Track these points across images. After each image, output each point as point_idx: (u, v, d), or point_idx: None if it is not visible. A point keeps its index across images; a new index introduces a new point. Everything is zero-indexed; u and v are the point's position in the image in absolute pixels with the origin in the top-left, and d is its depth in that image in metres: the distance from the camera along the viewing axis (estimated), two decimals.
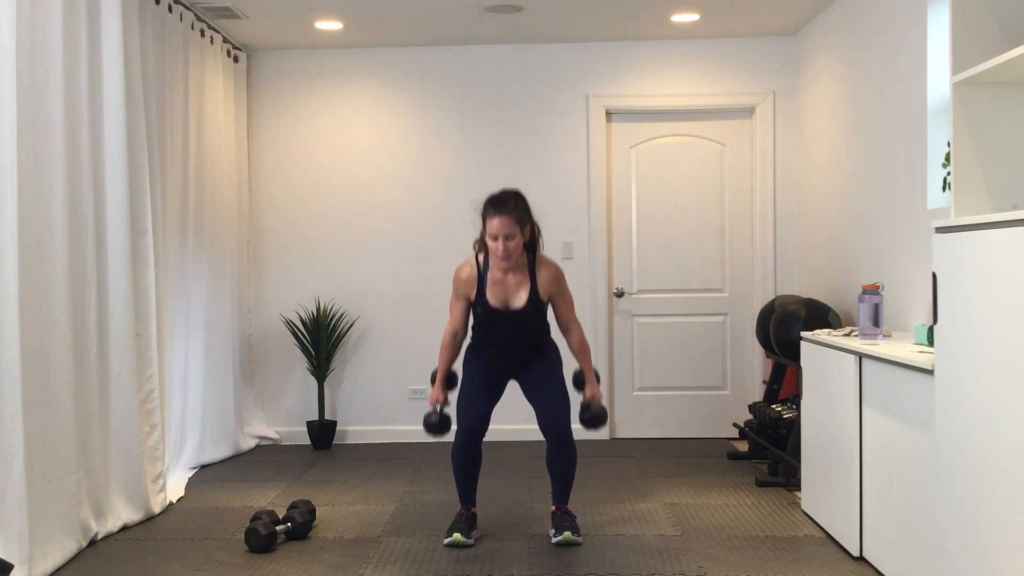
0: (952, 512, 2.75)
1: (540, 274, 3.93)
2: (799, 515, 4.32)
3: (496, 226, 3.76)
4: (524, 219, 3.82)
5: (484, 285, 3.92)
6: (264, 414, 6.23)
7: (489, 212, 3.80)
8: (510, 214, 3.76)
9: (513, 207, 3.79)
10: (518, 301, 3.92)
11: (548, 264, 3.97)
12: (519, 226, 3.79)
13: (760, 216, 6.15)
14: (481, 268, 3.93)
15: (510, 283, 3.92)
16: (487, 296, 3.91)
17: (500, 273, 3.91)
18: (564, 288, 3.99)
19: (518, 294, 3.92)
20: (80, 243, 3.97)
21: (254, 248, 6.25)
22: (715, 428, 6.21)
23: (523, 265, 3.92)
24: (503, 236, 3.76)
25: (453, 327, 4.02)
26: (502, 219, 3.75)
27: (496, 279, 3.91)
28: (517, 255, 3.86)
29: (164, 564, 3.74)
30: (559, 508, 4.04)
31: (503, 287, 3.92)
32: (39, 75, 3.67)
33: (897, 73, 4.46)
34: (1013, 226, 2.39)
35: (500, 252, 3.78)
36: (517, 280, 3.92)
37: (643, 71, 6.16)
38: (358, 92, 6.24)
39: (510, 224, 3.76)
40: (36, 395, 3.57)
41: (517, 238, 3.79)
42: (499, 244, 3.77)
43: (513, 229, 3.77)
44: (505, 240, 3.77)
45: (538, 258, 3.96)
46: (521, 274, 3.92)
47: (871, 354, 3.50)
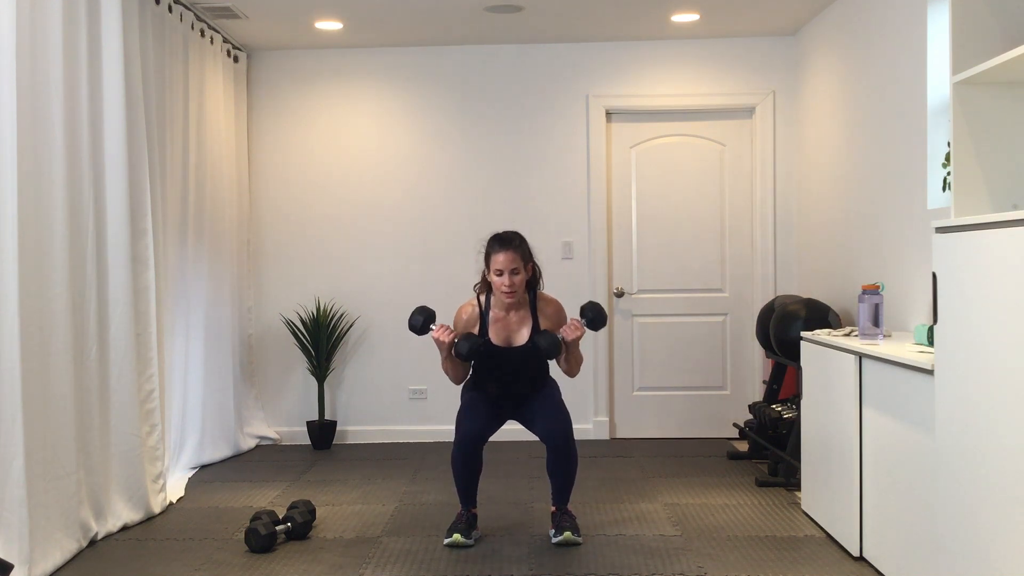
0: (952, 512, 2.75)
1: (542, 311, 4.00)
2: (799, 515, 4.32)
3: (502, 261, 3.85)
4: (527, 256, 3.92)
5: (487, 323, 3.98)
6: (264, 414, 6.23)
7: (494, 248, 3.90)
8: (515, 250, 3.87)
9: (518, 244, 3.90)
10: (520, 339, 3.97)
11: (549, 300, 4.05)
12: (523, 262, 3.89)
13: (760, 216, 6.15)
14: (483, 307, 4.00)
15: (512, 321, 3.98)
16: (489, 334, 3.97)
17: (502, 312, 3.98)
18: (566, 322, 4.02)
19: (520, 331, 3.98)
20: (80, 243, 3.97)
21: (254, 248, 6.25)
22: (715, 428, 6.21)
23: (525, 304, 4.00)
24: (508, 271, 3.85)
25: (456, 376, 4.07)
26: (507, 254, 3.85)
27: (498, 316, 3.98)
28: (521, 291, 3.92)
29: (164, 564, 3.74)
30: (559, 508, 4.04)
31: (505, 325, 3.98)
32: (39, 75, 3.67)
33: (897, 73, 4.46)
34: (1013, 226, 2.39)
35: (506, 287, 3.85)
36: (519, 318, 3.99)
37: (643, 71, 6.16)
38: (358, 92, 6.24)
39: (515, 259, 3.86)
40: (36, 395, 3.57)
41: (521, 274, 3.88)
42: (504, 279, 3.85)
43: (518, 264, 3.86)
44: (511, 275, 3.85)
45: (539, 296, 4.03)
46: (523, 311, 3.99)
47: (871, 354, 3.50)
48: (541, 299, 4.03)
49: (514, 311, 3.99)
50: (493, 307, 3.99)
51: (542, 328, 3.97)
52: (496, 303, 3.98)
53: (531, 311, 3.99)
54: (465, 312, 4.02)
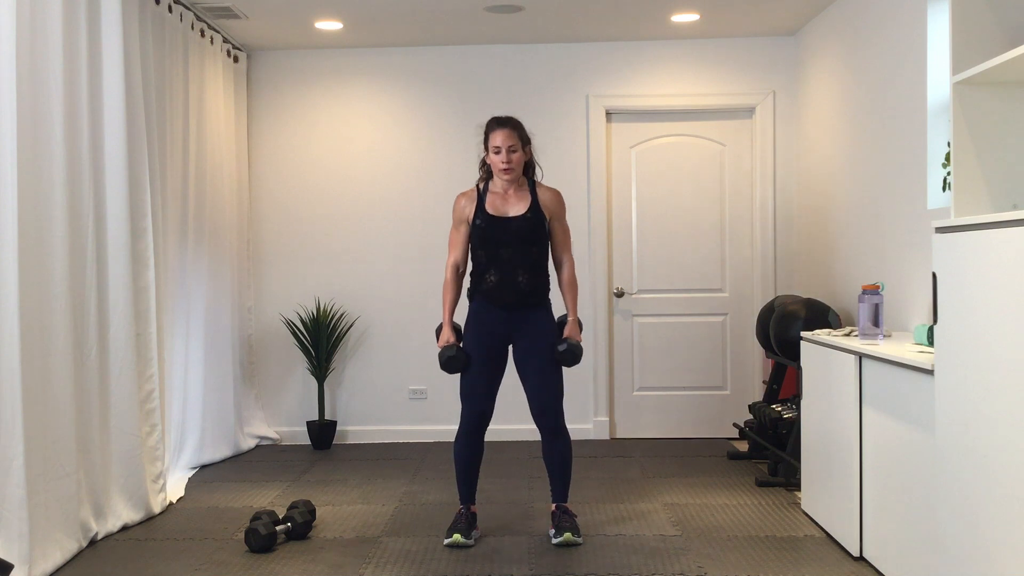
0: (952, 512, 2.75)
1: (541, 192, 4.04)
2: (799, 515, 4.32)
3: (500, 138, 3.90)
4: (525, 138, 3.98)
5: (483, 201, 4.00)
6: (264, 414, 6.23)
7: (492, 127, 3.96)
8: (513, 128, 3.94)
9: (515, 124, 3.96)
10: (518, 209, 3.98)
11: (548, 188, 4.08)
12: (520, 142, 3.94)
13: (760, 216, 6.15)
14: (480, 190, 4.03)
15: (510, 195, 4.00)
16: (486, 207, 3.98)
17: (500, 191, 4.00)
18: (564, 214, 4.08)
19: (518, 204, 3.99)
20: (80, 243, 3.97)
21: (254, 248, 6.25)
22: (715, 428, 6.21)
23: (524, 186, 4.03)
24: (507, 148, 3.90)
25: (454, 260, 4.07)
26: (504, 131, 3.92)
27: (496, 194, 4.01)
28: (519, 169, 3.97)
29: (164, 564, 3.74)
30: (559, 507, 4.04)
31: (503, 199, 4.00)
32: (39, 75, 3.67)
33: (897, 73, 4.46)
34: (1013, 226, 2.39)
35: (503, 163, 3.90)
36: (518, 195, 4.01)
37: (643, 71, 6.16)
38: (358, 92, 6.24)
39: (512, 136, 3.92)
40: (36, 395, 3.57)
41: (519, 152, 3.93)
42: (502, 156, 3.90)
43: (515, 142, 3.92)
44: (508, 152, 3.90)
45: (538, 183, 4.07)
46: (522, 191, 4.02)
47: (871, 354, 3.50)
48: (540, 186, 4.06)
49: (513, 191, 4.01)
50: (491, 189, 4.02)
51: (542, 206, 3.97)
52: (495, 186, 4.01)
53: (531, 191, 4.01)
54: (463, 195, 4.06)
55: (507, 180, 3.96)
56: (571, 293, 4.08)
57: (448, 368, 3.97)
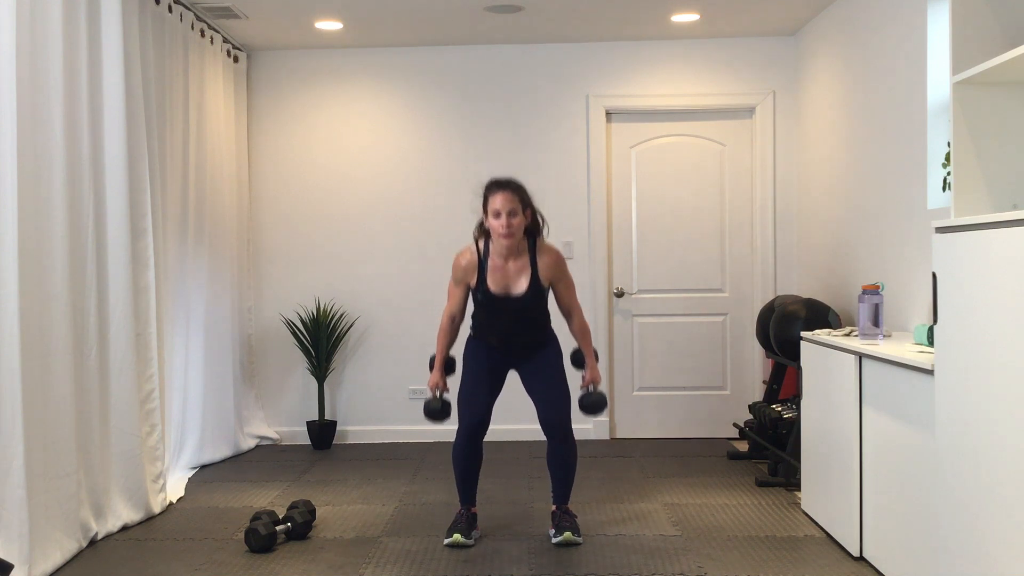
0: (952, 512, 2.75)
1: (541, 259, 3.90)
2: (799, 515, 4.32)
3: (499, 201, 3.76)
4: (526, 200, 3.84)
5: (484, 271, 3.89)
6: (264, 414, 6.23)
7: (491, 190, 3.82)
8: (513, 191, 3.80)
9: (516, 186, 3.83)
10: (519, 287, 3.89)
11: (549, 249, 3.95)
12: (521, 205, 3.80)
13: (760, 216, 6.15)
14: (481, 254, 3.91)
15: (511, 269, 3.89)
16: (487, 283, 3.89)
17: (501, 260, 3.89)
18: (565, 273, 3.97)
19: (519, 280, 3.89)
20: (80, 243, 3.97)
21: (254, 248, 6.25)
22: (715, 428, 6.21)
23: (524, 251, 3.90)
24: (506, 212, 3.76)
25: (451, 311, 4.01)
26: (504, 195, 3.77)
27: (497, 265, 3.89)
28: (519, 234, 3.83)
29: (164, 564, 3.74)
30: (559, 508, 4.04)
31: (504, 273, 3.89)
32: (39, 75, 3.67)
33: (897, 73, 4.46)
34: (1013, 226, 2.39)
35: (503, 228, 3.76)
36: (518, 267, 3.89)
37: (643, 71, 6.16)
38: (358, 92, 6.24)
39: (512, 200, 3.77)
40: (36, 395, 3.57)
41: (519, 216, 3.79)
42: (502, 220, 3.76)
43: (516, 206, 3.78)
44: (508, 216, 3.76)
45: (539, 244, 3.93)
46: (522, 260, 3.90)
47: (871, 354, 3.50)
48: (541, 248, 3.93)
49: (513, 260, 3.89)
50: (492, 255, 3.89)
51: (542, 278, 3.89)
52: (495, 250, 3.88)
53: (531, 260, 3.90)
54: (464, 259, 3.93)
55: (506, 245, 3.85)
56: (585, 339, 4.02)
57: (430, 417, 3.96)
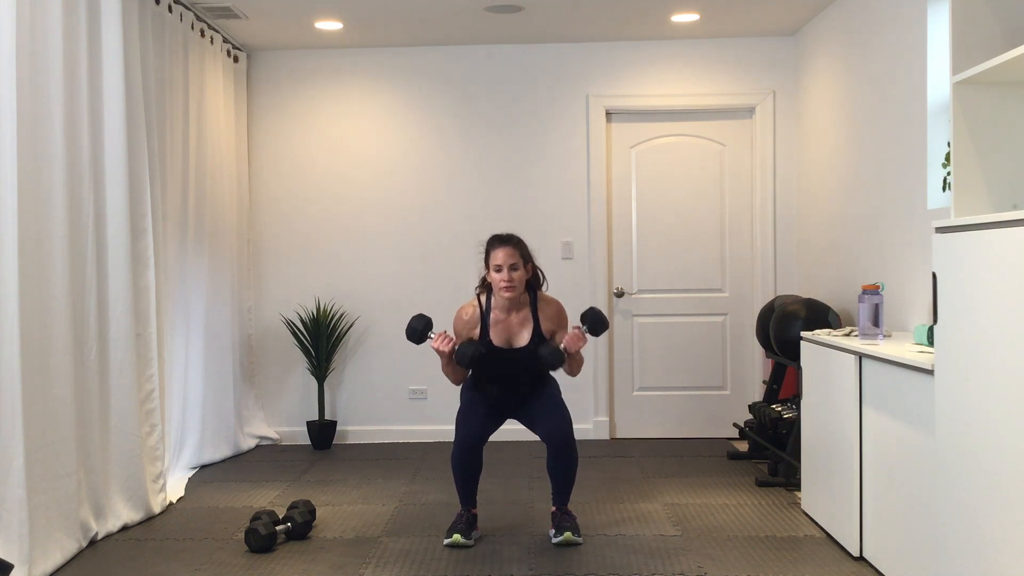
0: (952, 512, 2.75)
1: (543, 312, 4.01)
2: (799, 515, 4.32)
3: (501, 257, 3.89)
4: (526, 255, 3.96)
5: (487, 325, 3.99)
6: (264, 414, 6.23)
7: (493, 245, 3.95)
8: (514, 246, 3.92)
9: (516, 242, 3.95)
10: (521, 340, 3.98)
11: (550, 301, 4.05)
12: (522, 259, 3.92)
13: (760, 216, 6.15)
14: (483, 308, 4.01)
15: (513, 322, 3.99)
16: (490, 336, 3.98)
17: (503, 313, 3.99)
18: (566, 322, 4.05)
19: (521, 333, 3.99)
20: (80, 243, 3.97)
21: (254, 248, 6.25)
22: (715, 428, 6.21)
23: (525, 304, 4.01)
24: (508, 266, 3.88)
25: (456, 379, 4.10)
26: (506, 250, 3.90)
27: (499, 319, 3.99)
28: (521, 287, 3.94)
29: (164, 564, 3.74)
30: (559, 508, 4.04)
31: (506, 326, 3.99)
32: (39, 75, 3.67)
33: (897, 73, 4.46)
34: (1013, 226, 2.39)
35: (505, 282, 3.87)
36: (520, 319, 3.99)
37: (643, 71, 6.16)
38: (358, 92, 6.24)
39: (514, 254, 3.90)
40: (36, 395, 3.57)
41: (521, 271, 3.91)
42: (504, 274, 3.88)
43: (517, 260, 3.90)
44: (510, 270, 3.89)
45: (540, 297, 4.04)
46: (524, 312, 4.00)
47: (871, 354, 3.50)
48: (542, 300, 4.04)
49: (515, 312, 4.00)
50: (494, 308, 4.00)
51: (543, 329, 3.98)
52: (497, 304, 3.99)
53: (532, 312, 4.00)
54: (466, 313, 4.03)
55: (508, 298, 3.93)
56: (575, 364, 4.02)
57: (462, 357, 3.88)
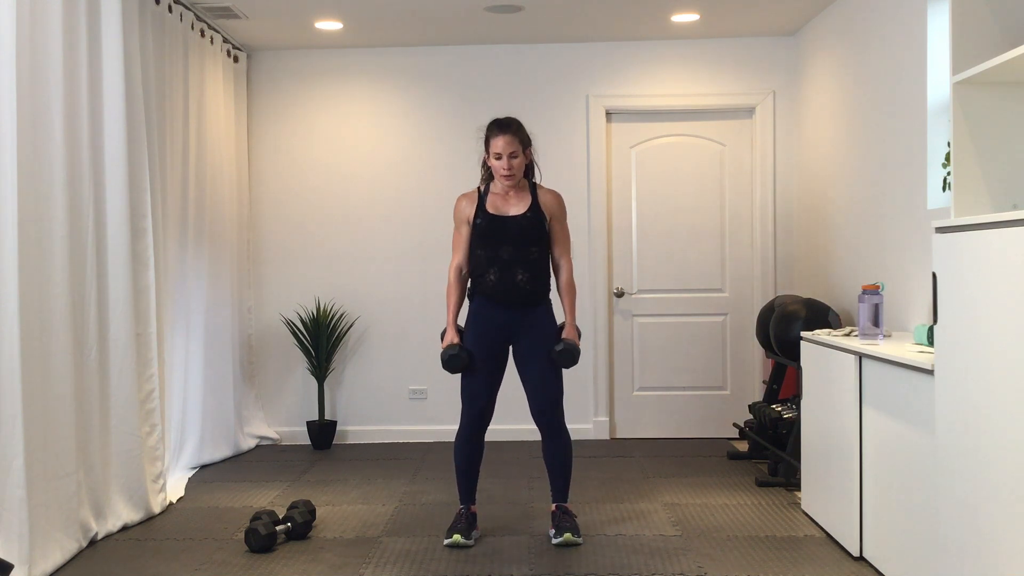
0: (952, 512, 2.75)
1: (542, 195, 4.06)
2: (799, 515, 4.32)
3: (501, 144, 3.91)
4: (525, 140, 3.99)
5: (484, 201, 4.03)
6: (264, 414, 6.23)
7: (493, 132, 3.97)
8: (513, 134, 3.94)
9: (516, 128, 3.97)
10: (518, 209, 4.01)
11: (550, 190, 4.11)
12: (521, 146, 3.95)
13: (760, 216, 6.15)
14: (482, 191, 4.07)
15: (511, 196, 4.04)
16: (487, 207, 4.01)
17: (501, 192, 4.04)
18: (565, 216, 4.11)
19: (518, 204, 4.02)
20: (80, 243, 3.97)
21: (254, 248, 6.25)
22: (715, 428, 6.21)
23: (525, 188, 4.06)
24: (507, 154, 3.92)
25: (457, 262, 4.10)
26: (506, 137, 3.92)
27: (497, 194, 4.04)
28: (520, 173, 3.99)
29: (164, 564, 3.74)
30: (559, 507, 4.04)
31: (503, 199, 4.03)
32: (39, 75, 3.67)
33: (897, 73, 4.46)
34: (1013, 226, 2.39)
35: (504, 169, 3.92)
36: (519, 196, 4.04)
37: (643, 71, 6.16)
38: (358, 92, 6.24)
39: (513, 142, 3.93)
40: (36, 395, 3.57)
41: (520, 157, 3.95)
42: (503, 161, 3.92)
43: (516, 147, 3.93)
44: (509, 158, 3.92)
45: (538, 185, 4.10)
46: (523, 193, 4.05)
47: (871, 354, 3.50)
48: (540, 188, 4.08)
49: (513, 192, 4.04)
50: (492, 190, 4.05)
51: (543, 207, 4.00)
52: (495, 188, 4.05)
53: (531, 194, 4.04)
54: (464, 198, 4.09)
55: (508, 184, 3.99)
56: (569, 297, 4.09)
57: (449, 366, 3.96)
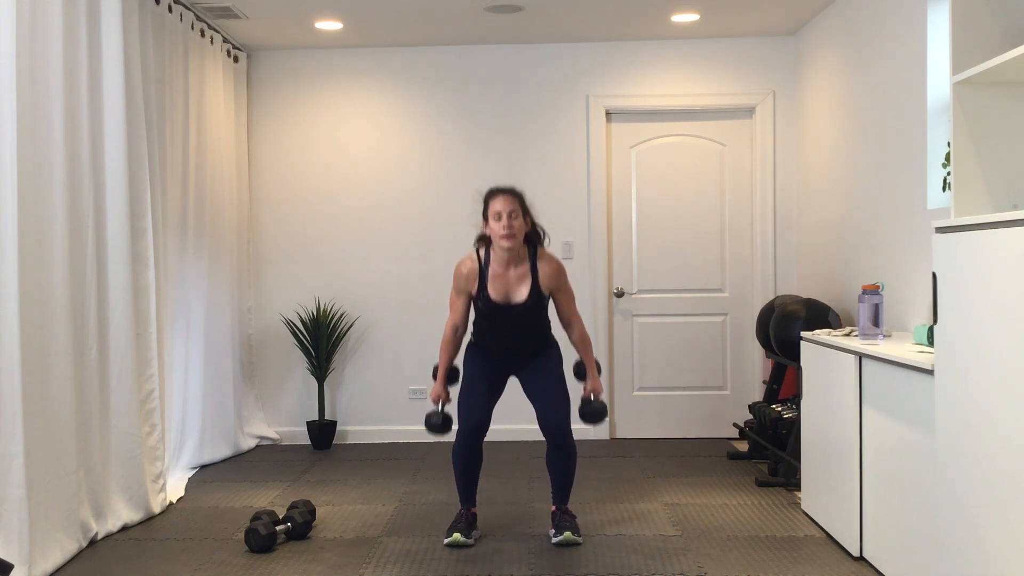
0: (952, 512, 2.75)
1: (541, 268, 3.93)
2: (799, 515, 4.32)
3: (500, 204, 3.83)
4: (525, 206, 3.90)
5: (485, 279, 3.92)
6: (264, 414, 6.23)
7: (492, 195, 3.89)
8: (513, 196, 3.87)
9: (515, 192, 3.90)
10: (519, 295, 3.92)
11: (549, 259, 3.97)
12: (521, 209, 3.86)
13: (760, 216, 6.15)
14: (482, 263, 3.94)
15: (511, 277, 3.92)
16: (488, 290, 3.91)
17: (501, 268, 3.91)
18: (565, 283, 3.99)
19: (519, 289, 3.91)
20: (80, 243, 3.97)
21: (254, 248, 6.25)
22: (715, 428, 6.21)
23: (524, 259, 3.93)
24: (507, 213, 3.81)
25: (454, 322, 4.03)
26: (505, 197, 3.85)
27: (497, 273, 3.92)
28: (520, 236, 3.87)
29: (164, 564, 3.74)
30: (559, 508, 4.04)
31: (504, 281, 3.92)
32: (39, 75, 3.67)
33: (897, 73, 4.46)
34: (1013, 226, 2.39)
35: (504, 230, 3.80)
36: (519, 274, 3.92)
37: (643, 71, 6.16)
38: (358, 92, 6.24)
39: (513, 202, 3.84)
40: (36, 395, 3.57)
41: (520, 219, 3.84)
42: (503, 222, 3.80)
43: (516, 208, 3.84)
44: (509, 218, 3.81)
45: (539, 253, 3.96)
46: (523, 268, 3.92)
47: (871, 354, 3.50)
48: (541, 257, 3.95)
49: (513, 267, 3.91)
50: (492, 263, 3.92)
51: (543, 287, 3.91)
52: (495, 258, 3.91)
53: (531, 268, 3.93)
54: (464, 267, 3.95)
55: (508, 248, 3.85)
56: (586, 350, 4.04)
57: (431, 430, 4.00)
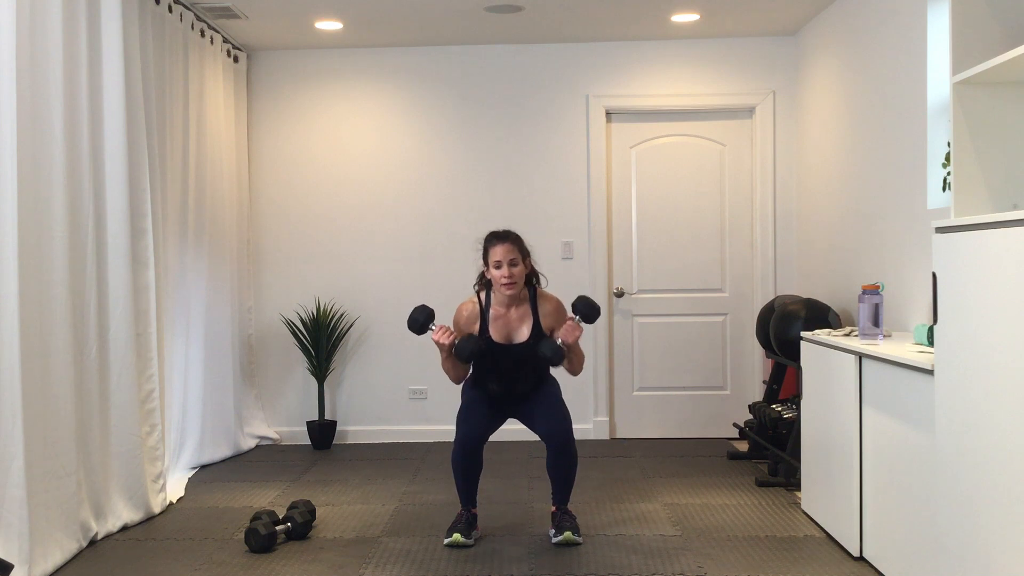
0: (952, 512, 2.75)
1: (542, 308, 4.01)
2: (799, 515, 4.32)
3: (500, 252, 3.89)
4: (524, 251, 3.96)
5: (487, 321, 3.99)
6: (264, 414, 6.23)
7: (492, 242, 3.95)
8: (512, 242, 3.92)
9: (515, 238, 3.95)
10: (521, 335, 3.99)
11: (549, 298, 4.06)
12: (521, 255, 3.92)
13: (760, 216, 6.15)
14: (483, 304, 4.01)
15: (512, 318, 4.00)
16: (490, 331, 3.98)
17: (503, 308, 3.99)
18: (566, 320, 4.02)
19: (521, 328, 3.99)
20: (80, 243, 3.97)
21: (254, 248, 6.25)
22: (715, 428, 6.21)
23: (525, 300, 4.01)
24: (507, 262, 3.88)
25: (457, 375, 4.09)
26: (505, 246, 3.90)
27: (499, 314, 4.00)
28: (521, 282, 3.94)
29: (164, 564, 3.75)
30: (559, 508, 4.04)
31: (506, 321, 3.99)
32: (39, 75, 3.67)
33: (897, 73, 4.46)
34: (1013, 226, 2.39)
35: (505, 278, 3.87)
36: (520, 315, 4.00)
37: (643, 71, 6.16)
38: (358, 92, 6.24)
39: (512, 250, 3.90)
40: (36, 395, 3.57)
41: (520, 266, 3.92)
42: (504, 270, 3.88)
43: (516, 255, 3.91)
44: (509, 265, 3.89)
45: (539, 293, 4.05)
46: (523, 308, 4.00)
47: (871, 354, 3.50)
48: (541, 297, 4.05)
49: (514, 308, 4.00)
50: (493, 304, 4.00)
51: (543, 326, 3.98)
52: (496, 300, 4.00)
53: (531, 308, 4.00)
54: (465, 309, 4.04)
55: (509, 294, 3.93)
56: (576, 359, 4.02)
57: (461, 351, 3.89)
